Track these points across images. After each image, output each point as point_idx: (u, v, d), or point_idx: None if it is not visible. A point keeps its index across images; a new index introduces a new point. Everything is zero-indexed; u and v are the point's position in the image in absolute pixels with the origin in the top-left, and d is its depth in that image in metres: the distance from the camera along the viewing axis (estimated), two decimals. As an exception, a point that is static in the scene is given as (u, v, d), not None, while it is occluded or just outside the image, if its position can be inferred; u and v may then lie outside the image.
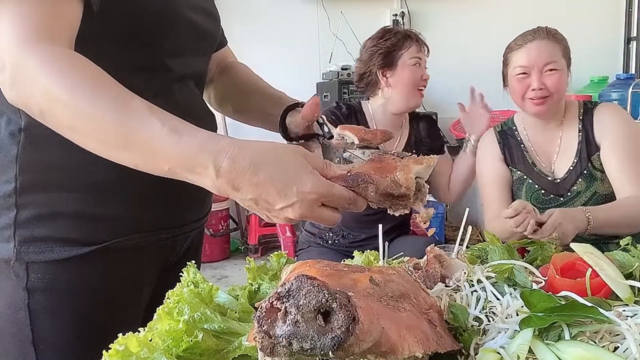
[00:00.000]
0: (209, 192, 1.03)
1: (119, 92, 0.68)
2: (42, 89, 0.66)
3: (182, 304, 0.66)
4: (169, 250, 0.97)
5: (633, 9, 3.99)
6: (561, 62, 1.68)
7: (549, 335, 0.58)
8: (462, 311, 0.66)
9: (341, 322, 0.44)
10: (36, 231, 0.83)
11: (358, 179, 0.68)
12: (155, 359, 0.60)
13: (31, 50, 0.67)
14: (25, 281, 0.83)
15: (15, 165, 0.82)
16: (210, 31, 0.99)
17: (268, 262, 0.86)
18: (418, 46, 2.01)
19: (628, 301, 0.68)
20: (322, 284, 0.46)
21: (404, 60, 1.98)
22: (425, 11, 3.94)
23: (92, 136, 0.68)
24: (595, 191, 1.69)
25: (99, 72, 0.69)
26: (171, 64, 0.89)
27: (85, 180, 0.83)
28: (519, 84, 1.70)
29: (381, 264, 0.90)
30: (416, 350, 0.52)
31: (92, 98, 0.66)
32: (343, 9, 3.78)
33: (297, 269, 0.68)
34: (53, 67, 0.67)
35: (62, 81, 0.66)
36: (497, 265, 0.79)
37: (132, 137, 0.66)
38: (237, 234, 4.05)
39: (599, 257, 0.75)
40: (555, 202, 1.72)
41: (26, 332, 0.84)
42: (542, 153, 1.79)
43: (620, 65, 4.06)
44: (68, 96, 0.66)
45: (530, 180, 1.76)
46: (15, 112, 0.81)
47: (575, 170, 1.71)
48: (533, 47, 1.68)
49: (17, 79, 0.68)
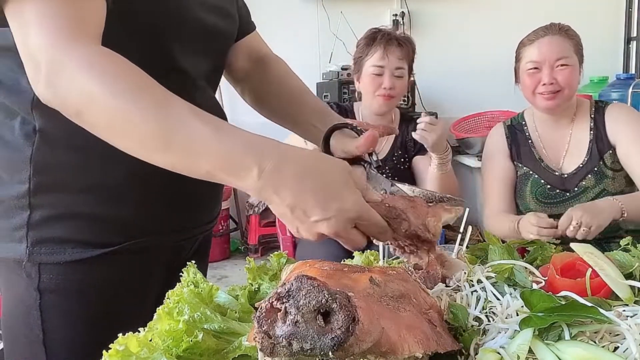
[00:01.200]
0: (219, 195, 1.04)
1: (160, 92, 0.67)
2: (81, 88, 0.65)
3: (182, 304, 0.66)
4: (177, 252, 0.97)
5: (633, 9, 3.99)
6: (573, 58, 1.69)
7: (549, 335, 0.58)
8: (462, 311, 0.66)
9: (341, 322, 0.44)
10: (49, 232, 0.83)
11: (397, 212, 0.68)
12: (155, 359, 0.60)
13: (67, 48, 0.66)
14: (37, 281, 0.83)
15: (29, 166, 0.81)
16: (223, 31, 0.97)
17: (268, 262, 0.86)
18: (382, 53, 1.96)
19: (628, 301, 0.68)
20: (322, 284, 0.46)
21: (367, 67, 1.99)
22: (425, 11, 3.94)
23: (130, 137, 0.66)
24: (604, 188, 1.70)
25: (138, 72, 0.67)
26: (185, 65, 0.88)
27: (99, 182, 0.83)
28: (530, 79, 1.71)
29: (381, 264, 0.90)
30: (416, 350, 0.52)
31: (132, 98, 0.65)
32: (343, 9, 3.78)
33: (297, 268, 0.68)
34: (91, 66, 0.65)
35: (101, 80, 0.65)
36: (497, 265, 0.79)
37: (173, 137, 0.64)
38: (237, 234, 4.05)
39: (599, 257, 0.75)
40: (560, 197, 1.73)
41: (37, 332, 0.84)
42: (550, 149, 1.79)
43: (620, 65, 4.06)
44: (107, 96, 0.64)
45: (536, 175, 1.77)
46: (29, 113, 0.80)
47: (586, 167, 1.72)
48: (545, 42, 1.69)
49: (53, 79, 0.66)
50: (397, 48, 1.97)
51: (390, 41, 1.97)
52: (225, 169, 0.63)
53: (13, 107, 0.82)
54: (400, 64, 1.98)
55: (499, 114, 3.71)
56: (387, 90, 1.95)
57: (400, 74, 1.98)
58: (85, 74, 0.65)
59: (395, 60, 1.97)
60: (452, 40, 3.95)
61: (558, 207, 1.73)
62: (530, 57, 1.71)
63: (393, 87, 1.96)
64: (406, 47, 2.00)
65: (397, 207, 0.69)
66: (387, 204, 0.69)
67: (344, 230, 0.64)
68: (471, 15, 3.96)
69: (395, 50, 1.96)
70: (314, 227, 0.63)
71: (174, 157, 0.65)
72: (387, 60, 1.95)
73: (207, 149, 0.63)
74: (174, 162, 0.66)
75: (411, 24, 3.92)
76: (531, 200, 1.78)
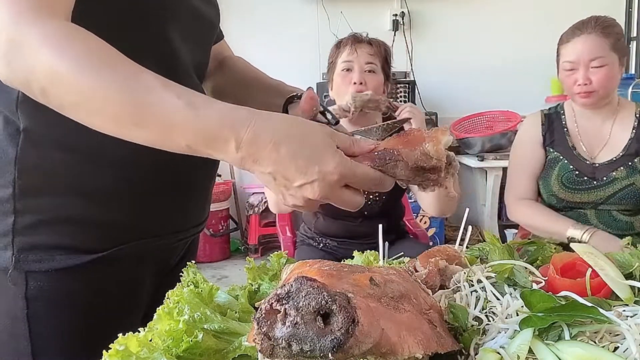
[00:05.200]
0: (208, 198, 1.03)
1: (129, 66, 0.63)
2: (44, 65, 0.61)
3: (182, 304, 0.66)
4: (167, 255, 0.96)
5: (633, 9, 3.99)
6: (609, 57, 1.69)
7: (549, 335, 0.58)
8: (462, 311, 0.66)
9: (341, 323, 0.44)
10: (36, 238, 0.79)
11: (386, 157, 0.65)
12: (155, 359, 0.60)
13: (30, 25, 0.62)
14: (24, 290, 0.80)
15: (13, 168, 0.78)
16: (211, 19, 0.97)
17: (268, 262, 0.86)
18: (350, 49, 1.84)
19: (628, 301, 0.68)
20: (322, 286, 0.46)
21: (337, 67, 1.87)
22: (425, 11, 3.95)
23: (101, 114, 0.63)
24: (633, 182, 1.71)
25: (105, 46, 0.64)
26: (178, 53, 0.86)
27: (87, 184, 0.80)
28: (567, 79, 1.74)
29: (381, 264, 0.90)
30: (416, 351, 0.52)
31: (100, 72, 0.62)
32: (343, 9, 3.78)
33: (297, 269, 0.68)
34: (55, 42, 0.62)
35: (66, 56, 0.61)
36: (497, 265, 0.79)
37: (146, 112, 0.61)
38: (237, 234, 4.06)
39: (599, 257, 0.74)
40: (587, 184, 1.75)
41: (24, 342, 0.81)
42: (587, 140, 1.81)
43: (620, 65, 4.06)
44: (73, 71, 0.61)
45: (565, 160, 1.79)
46: (13, 113, 0.77)
47: (620, 160, 1.74)
48: (579, 42, 1.70)
49: (14, 56, 0.62)
50: (366, 45, 1.85)
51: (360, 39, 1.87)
52: (204, 142, 0.61)
53: None
54: (370, 59, 1.83)
55: (499, 114, 3.71)
56: (357, 85, 1.78)
57: (371, 68, 1.83)
58: (49, 50, 0.62)
59: (365, 55, 1.83)
60: (452, 40, 3.95)
61: (581, 194, 1.74)
62: (566, 57, 1.73)
63: (363, 82, 1.79)
64: (376, 46, 1.87)
65: (389, 149, 0.66)
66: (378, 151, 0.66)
67: (332, 192, 0.62)
68: (471, 15, 3.97)
69: (364, 47, 1.85)
70: (298, 192, 0.62)
71: (149, 132, 0.63)
72: (355, 54, 1.83)
73: (183, 122, 0.61)
74: (149, 137, 0.63)
75: (411, 24, 3.92)
76: (555, 184, 1.78)
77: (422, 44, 3.96)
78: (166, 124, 0.61)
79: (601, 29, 1.70)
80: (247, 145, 0.60)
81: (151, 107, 0.61)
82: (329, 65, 1.94)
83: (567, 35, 1.76)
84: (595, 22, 1.71)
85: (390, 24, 3.89)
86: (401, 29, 3.90)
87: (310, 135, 0.62)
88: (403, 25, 3.89)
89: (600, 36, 1.69)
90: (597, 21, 1.72)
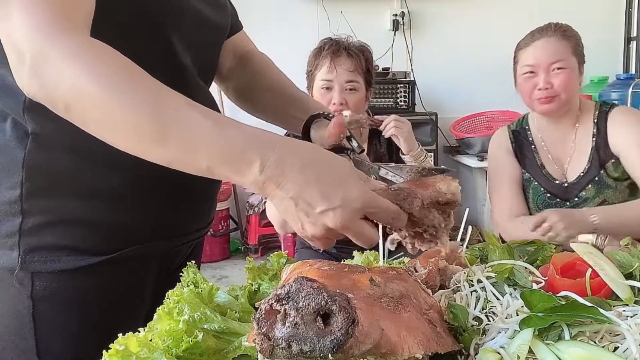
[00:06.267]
0: (213, 201, 1.03)
1: (153, 84, 0.63)
2: (69, 81, 0.61)
3: (182, 304, 0.66)
4: (172, 258, 0.96)
5: (633, 9, 4.00)
6: (570, 61, 1.64)
7: (549, 335, 0.58)
8: (462, 311, 0.66)
9: (340, 324, 0.44)
10: (42, 239, 0.80)
11: (403, 193, 0.66)
12: (155, 359, 0.60)
13: (54, 39, 0.62)
14: (30, 290, 0.80)
15: (21, 170, 0.78)
16: (219, 24, 0.96)
17: (268, 262, 0.86)
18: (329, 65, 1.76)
19: (628, 301, 0.68)
20: (322, 286, 0.46)
21: (317, 82, 1.81)
22: (425, 11, 3.94)
23: (124, 132, 0.62)
24: (604, 199, 1.65)
25: (130, 63, 0.64)
26: (185, 60, 0.86)
27: (94, 187, 0.81)
28: (526, 83, 1.67)
29: (381, 264, 0.90)
30: (416, 351, 0.52)
31: (125, 90, 0.61)
32: (343, 9, 3.78)
33: (297, 269, 0.68)
34: (80, 58, 0.62)
35: (90, 72, 0.61)
36: (497, 265, 0.79)
37: (169, 131, 0.60)
38: (237, 234, 4.05)
39: (599, 257, 0.74)
40: (560, 206, 1.68)
41: (30, 342, 0.82)
42: (554, 154, 1.75)
43: (620, 65, 4.06)
44: (97, 88, 0.61)
45: (536, 182, 1.73)
46: (21, 116, 0.78)
47: (586, 176, 1.67)
48: (539, 46, 1.65)
49: (39, 71, 0.62)
50: (346, 59, 1.77)
51: (338, 52, 1.77)
52: (226, 163, 0.60)
53: (4, 109, 0.79)
54: (351, 77, 1.77)
55: (499, 114, 3.72)
56: (337, 106, 1.74)
57: (353, 87, 1.77)
58: (73, 65, 0.61)
59: (345, 73, 1.76)
60: (452, 40, 3.95)
61: None
62: (525, 61, 1.67)
63: (344, 103, 1.75)
64: (357, 57, 1.79)
65: (404, 188, 0.67)
66: (393, 189, 0.67)
67: (352, 221, 0.60)
68: (471, 15, 3.97)
69: (344, 62, 1.76)
70: (319, 219, 0.60)
71: (171, 152, 0.62)
72: (335, 73, 1.76)
73: (207, 142, 0.60)
74: (171, 157, 0.62)
75: (411, 24, 3.92)
76: (532, 205, 1.74)
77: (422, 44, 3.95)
78: (191, 141, 0.61)
79: (561, 33, 1.66)
80: (273, 167, 0.60)
81: (178, 124, 0.61)
82: (308, 73, 1.87)
83: (525, 40, 1.70)
84: (555, 27, 1.67)
85: (390, 24, 3.89)
86: (401, 29, 3.90)
87: (335, 163, 0.63)
88: (403, 25, 3.89)
89: (560, 39, 1.65)
90: (557, 26, 1.68)
